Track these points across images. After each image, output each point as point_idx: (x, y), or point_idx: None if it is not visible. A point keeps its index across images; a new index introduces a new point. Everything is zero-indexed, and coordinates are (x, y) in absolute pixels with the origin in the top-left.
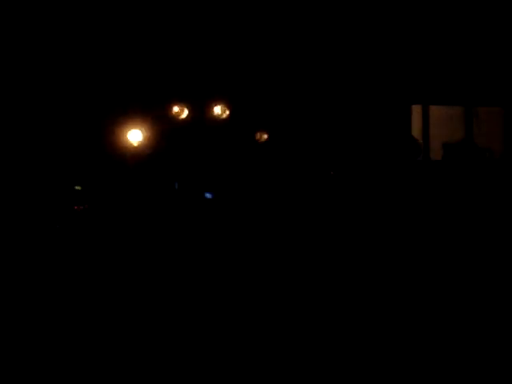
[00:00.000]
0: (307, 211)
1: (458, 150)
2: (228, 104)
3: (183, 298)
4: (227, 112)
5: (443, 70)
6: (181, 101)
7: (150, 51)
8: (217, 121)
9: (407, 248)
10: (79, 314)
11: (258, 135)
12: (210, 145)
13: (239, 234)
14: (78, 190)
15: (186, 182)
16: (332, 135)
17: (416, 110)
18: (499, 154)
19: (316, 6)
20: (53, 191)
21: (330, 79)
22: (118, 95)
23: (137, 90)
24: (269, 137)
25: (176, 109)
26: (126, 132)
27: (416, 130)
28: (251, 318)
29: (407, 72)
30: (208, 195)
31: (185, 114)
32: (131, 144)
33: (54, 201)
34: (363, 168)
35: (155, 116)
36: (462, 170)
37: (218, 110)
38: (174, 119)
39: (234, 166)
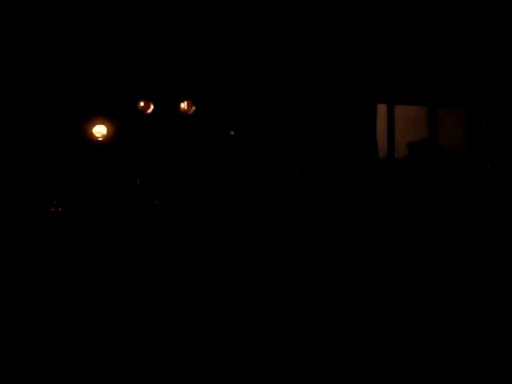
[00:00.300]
0: (273, 207)
1: (422, 149)
2: (195, 100)
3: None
4: (193, 108)
5: (409, 70)
6: (147, 97)
7: (118, 48)
8: (183, 116)
9: (370, 245)
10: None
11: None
12: (175, 140)
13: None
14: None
15: (149, 177)
16: (297, 132)
17: (381, 109)
18: (463, 155)
19: (284, 5)
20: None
21: (296, 76)
22: (83, 90)
23: (103, 85)
24: (235, 133)
25: (142, 103)
26: (91, 127)
27: (381, 129)
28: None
29: (373, 71)
30: (156, 202)
31: (150, 109)
32: (96, 139)
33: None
34: (327, 165)
35: (120, 111)
36: (425, 169)
37: (184, 105)
38: (140, 114)
39: (199, 161)
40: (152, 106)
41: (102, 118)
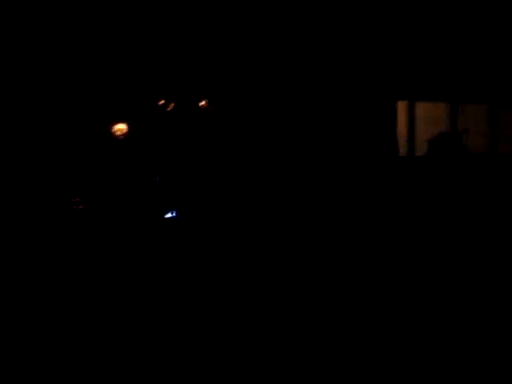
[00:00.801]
0: (294, 203)
1: (442, 146)
2: (214, 99)
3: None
4: (212, 106)
5: (429, 67)
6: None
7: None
8: (202, 115)
9: (392, 242)
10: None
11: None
12: (194, 138)
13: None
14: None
15: (168, 174)
16: (318, 130)
17: (402, 107)
18: (483, 152)
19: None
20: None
21: (317, 73)
22: (105, 89)
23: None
24: (254, 132)
25: (162, 102)
26: (112, 125)
27: (402, 126)
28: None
29: (393, 68)
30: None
31: (171, 107)
32: (116, 136)
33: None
34: (347, 163)
35: (141, 109)
36: (445, 165)
37: (203, 103)
38: (160, 112)
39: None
40: (172, 104)
41: (123, 116)
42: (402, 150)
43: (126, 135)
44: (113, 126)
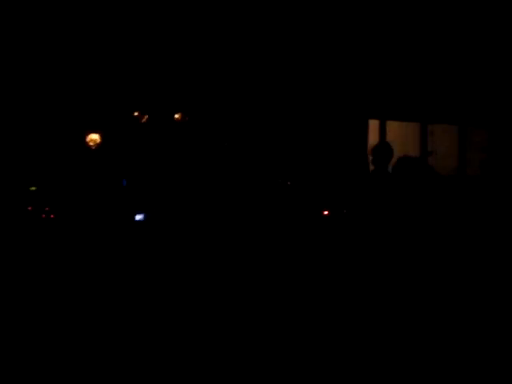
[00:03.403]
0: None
1: (411, 164)
2: (188, 112)
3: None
4: (186, 119)
5: (401, 87)
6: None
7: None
8: (176, 127)
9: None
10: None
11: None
12: (167, 149)
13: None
14: (32, 190)
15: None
16: (289, 146)
17: (373, 125)
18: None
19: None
20: (6, 192)
21: (288, 91)
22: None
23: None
24: (227, 145)
25: (136, 113)
26: (85, 133)
27: (372, 144)
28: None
29: (365, 87)
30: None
31: (145, 119)
32: (89, 146)
33: (7, 202)
34: (319, 178)
35: (115, 120)
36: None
37: (178, 116)
38: (135, 124)
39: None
40: (146, 117)
41: (97, 126)
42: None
43: (98, 145)
44: (86, 136)
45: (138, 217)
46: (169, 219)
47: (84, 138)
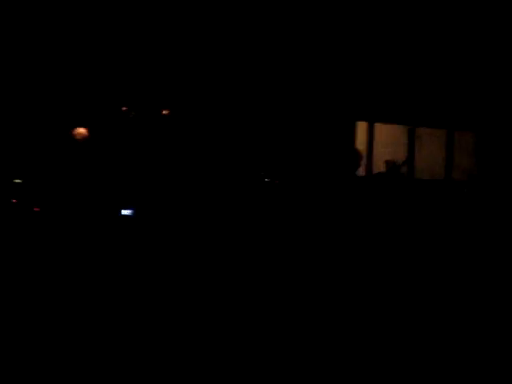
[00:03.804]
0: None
1: (398, 168)
2: (175, 108)
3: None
4: (170, 115)
5: (389, 89)
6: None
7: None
8: (162, 123)
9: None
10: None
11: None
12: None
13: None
14: (17, 183)
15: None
16: (278, 147)
17: (361, 127)
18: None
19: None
20: None
21: (276, 93)
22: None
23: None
24: (215, 146)
25: (123, 108)
26: (72, 128)
27: (360, 146)
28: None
29: (354, 89)
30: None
31: (131, 114)
32: (76, 140)
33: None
34: (306, 179)
35: (102, 115)
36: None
37: (164, 112)
38: (121, 119)
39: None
40: (133, 112)
41: (83, 120)
42: (361, 169)
43: (85, 139)
44: (74, 130)
45: (125, 212)
46: (156, 215)
47: (70, 131)
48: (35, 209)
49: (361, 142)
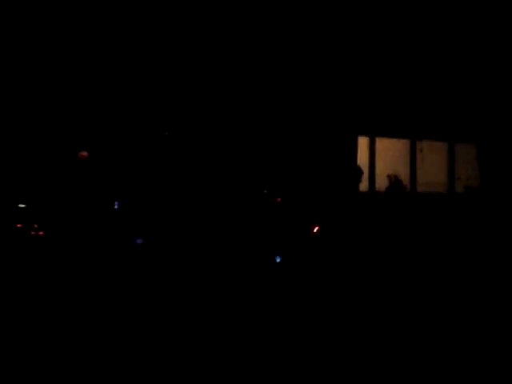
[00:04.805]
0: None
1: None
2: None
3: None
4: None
5: (390, 104)
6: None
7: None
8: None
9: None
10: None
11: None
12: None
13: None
14: (21, 207)
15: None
16: (280, 164)
17: (363, 142)
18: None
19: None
20: None
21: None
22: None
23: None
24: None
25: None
26: (75, 152)
27: (362, 161)
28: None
29: (355, 104)
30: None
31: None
32: (78, 163)
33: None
34: (308, 195)
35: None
36: (403, 202)
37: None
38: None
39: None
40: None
41: (86, 145)
42: (363, 184)
43: (88, 163)
44: (77, 154)
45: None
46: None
47: (74, 156)
48: (39, 233)
49: (362, 156)
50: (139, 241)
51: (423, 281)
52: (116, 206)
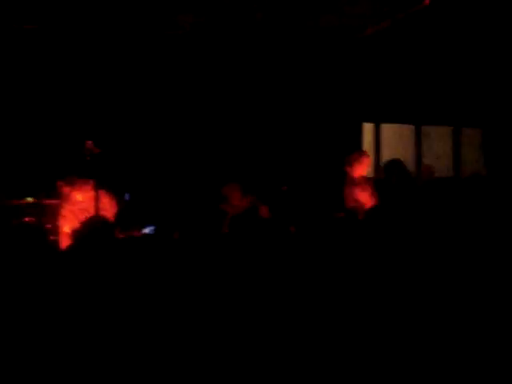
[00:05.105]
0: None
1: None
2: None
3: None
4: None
5: (394, 90)
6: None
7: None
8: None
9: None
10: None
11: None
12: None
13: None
14: (29, 201)
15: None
16: (285, 152)
17: (367, 128)
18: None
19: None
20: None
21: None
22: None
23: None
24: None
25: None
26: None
27: (367, 147)
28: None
29: (359, 90)
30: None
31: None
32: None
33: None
34: (313, 184)
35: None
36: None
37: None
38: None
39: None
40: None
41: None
42: (369, 171)
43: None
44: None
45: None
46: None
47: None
48: (47, 226)
49: (367, 142)
50: (149, 230)
51: (428, 268)
52: (127, 198)
